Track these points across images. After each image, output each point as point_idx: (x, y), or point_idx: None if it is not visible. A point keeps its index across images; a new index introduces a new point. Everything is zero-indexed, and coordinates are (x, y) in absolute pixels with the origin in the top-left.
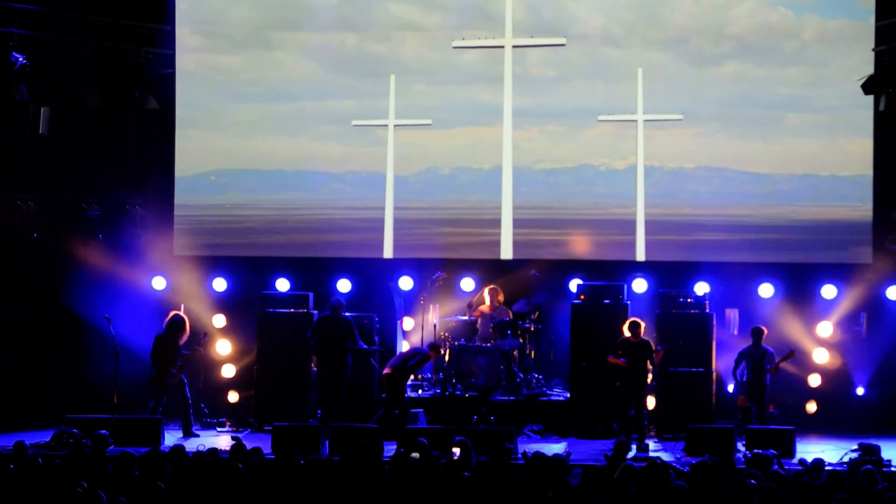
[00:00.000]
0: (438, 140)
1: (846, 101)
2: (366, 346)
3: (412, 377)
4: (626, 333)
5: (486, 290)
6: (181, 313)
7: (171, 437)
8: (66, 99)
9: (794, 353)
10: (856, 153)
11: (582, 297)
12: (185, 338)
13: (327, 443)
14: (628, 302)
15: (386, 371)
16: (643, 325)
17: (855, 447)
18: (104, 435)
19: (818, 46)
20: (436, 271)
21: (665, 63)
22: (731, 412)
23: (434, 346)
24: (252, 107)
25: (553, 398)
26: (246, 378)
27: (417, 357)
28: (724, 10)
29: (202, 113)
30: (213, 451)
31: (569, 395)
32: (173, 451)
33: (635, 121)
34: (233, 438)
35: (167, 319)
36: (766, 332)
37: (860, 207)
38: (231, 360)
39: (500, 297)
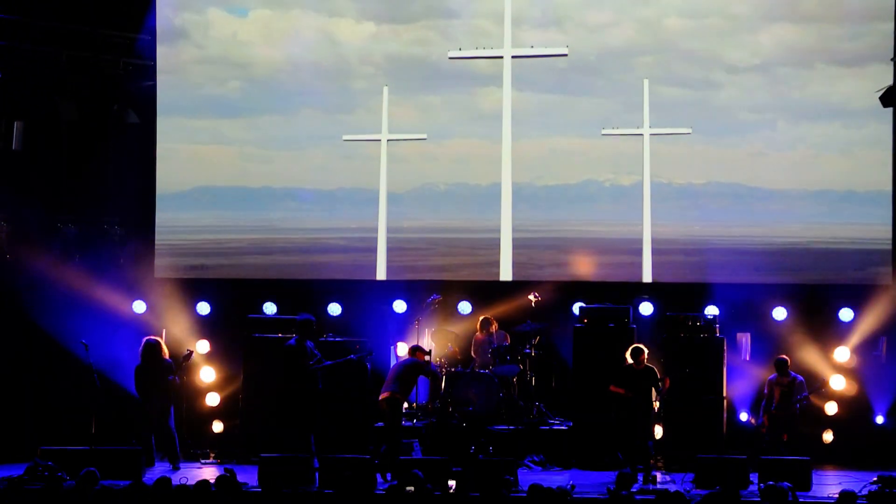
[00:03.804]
0: (434, 155)
1: (864, 113)
2: (330, 362)
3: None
4: (629, 360)
5: (478, 323)
6: (154, 338)
7: (163, 467)
8: (41, 112)
9: (825, 384)
10: (874, 168)
11: (585, 320)
12: (163, 361)
13: (317, 475)
14: (634, 326)
15: (384, 395)
16: (646, 351)
17: (874, 479)
18: (93, 472)
19: (833, 56)
20: (431, 294)
21: (672, 74)
22: (743, 442)
23: (416, 349)
24: (237, 121)
25: (555, 427)
26: (231, 407)
27: (414, 371)
28: (734, 21)
29: (184, 127)
30: (203, 484)
31: (571, 425)
32: (158, 485)
33: (641, 134)
34: (226, 471)
35: (142, 347)
36: (790, 361)
37: (879, 225)
38: (215, 387)
39: (494, 327)
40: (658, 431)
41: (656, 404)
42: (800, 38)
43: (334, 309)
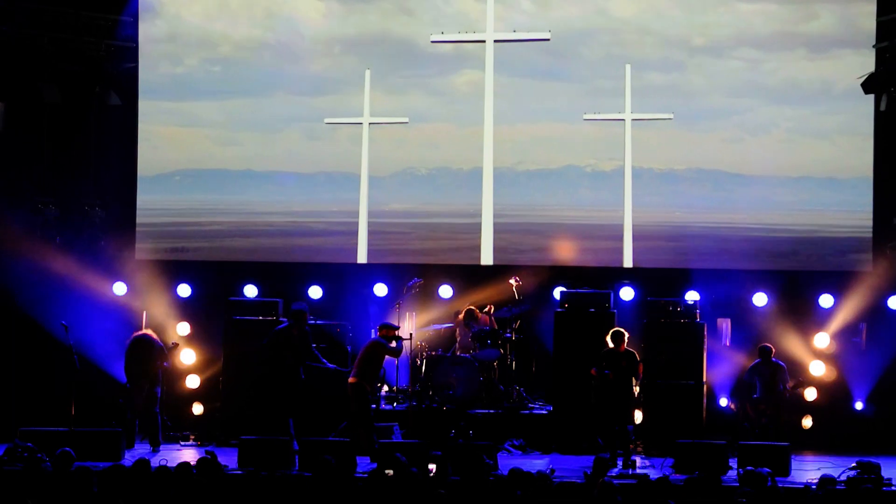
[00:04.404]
0: (415, 139)
1: (845, 100)
2: (332, 366)
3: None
4: (610, 344)
5: (463, 314)
6: (146, 332)
7: (143, 449)
8: (23, 94)
9: (802, 384)
10: (855, 155)
11: (566, 305)
12: (154, 346)
13: (297, 458)
14: (615, 311)
15: (350, 380)
16: (627, 335)
17: (853, 465)
18: (68, 452)
19: (815, 42)
20: (412, 277)
21: (654, 59)
22: (723, 427)
23: (381, 327)
24: (219, 104)
25: (535, 412)
26: (212, 389)
27: (375, 349)
28: (718, 6)
29: (166, 110)
30: (184, 466)
31: (551, 409)
32: (136, 466)
33: (623, 120)
34: (207, 453)
35: (134, 337)
36: (774, 350)
37: (859, 212)
38: (196, 370)
39: (480, 317)
40: (638, 416)
41: (636, 389)
42: (782, 22)
43: (315, 292)
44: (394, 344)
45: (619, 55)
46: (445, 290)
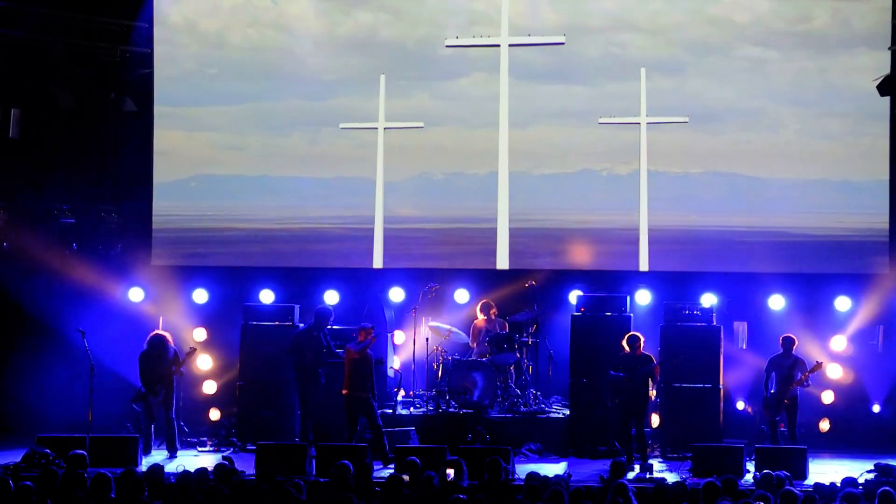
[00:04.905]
0: (431, 144)
1: (861, 102)
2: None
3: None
4: (626, 348)
5: (478, 306)
6: (162, 332)
7: (160, 455)
8: (38, 100)
9: (821, 366)
10: (871, 157)
11: (582, 309)
12: (169, 356)
13: (314, 463)
14: (631, 314)
15: (343, 392)
16: (642, 338)
17: (871, 468)
18: (81, 455)
19: (831, 45)
20: (428, 282)
21: (669, 62)
22: (740, 430)
23: (362, 329)
24: (234, 109)
25: (552, 416)
26: (228, 395)
27: (352, 359)
28: (733, 10)
29: (182, 115)
30: (202, 471)
31: (568, 413)
32: (151, 472)
33: (638, 123)
34: (224, 458)
35: (149, 338)
36: (797, 341)
37: (876, 214)
38: (212, 375)
39: (494, 311)
40: (654, 420)
41: (653, 393)
42: (798, 25)
43: (331, 296)
44: (359, 345)
45: (633, 58)
46: (461, 295)
